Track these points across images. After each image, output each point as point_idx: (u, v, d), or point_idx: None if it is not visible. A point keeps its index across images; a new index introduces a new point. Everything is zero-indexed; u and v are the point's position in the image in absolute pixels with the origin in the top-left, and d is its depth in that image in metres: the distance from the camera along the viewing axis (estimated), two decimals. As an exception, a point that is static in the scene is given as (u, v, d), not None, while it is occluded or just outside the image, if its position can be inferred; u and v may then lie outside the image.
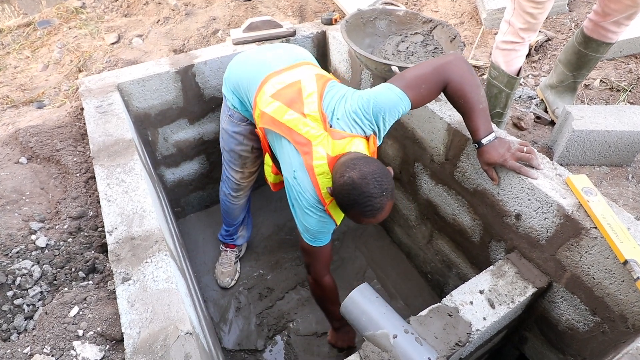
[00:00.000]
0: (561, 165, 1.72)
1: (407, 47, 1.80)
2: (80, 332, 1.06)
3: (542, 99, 2.19)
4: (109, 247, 1.14)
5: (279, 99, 1.38)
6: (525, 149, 1.34)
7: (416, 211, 2.05)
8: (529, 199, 1.34)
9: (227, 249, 2.27)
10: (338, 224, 1.45)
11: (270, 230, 2.53)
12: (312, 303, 2.16)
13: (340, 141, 1.29)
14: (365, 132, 1.31)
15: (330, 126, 1.32)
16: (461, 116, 1.36)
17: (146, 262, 1.09)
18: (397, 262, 2.33)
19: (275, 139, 1.44)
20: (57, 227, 1.39)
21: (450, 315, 1.29)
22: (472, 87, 1.27)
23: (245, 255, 2.38)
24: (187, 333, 0.94)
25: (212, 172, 2.46)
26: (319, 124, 1.31)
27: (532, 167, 1.33)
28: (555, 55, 2.36)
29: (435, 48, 1.79)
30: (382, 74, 1.69)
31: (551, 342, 1.50)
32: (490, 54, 2.29)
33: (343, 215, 1.42)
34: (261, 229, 2.53)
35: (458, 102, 1.31)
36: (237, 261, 2.30)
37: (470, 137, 1.46)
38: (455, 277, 1.93)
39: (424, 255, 2.15)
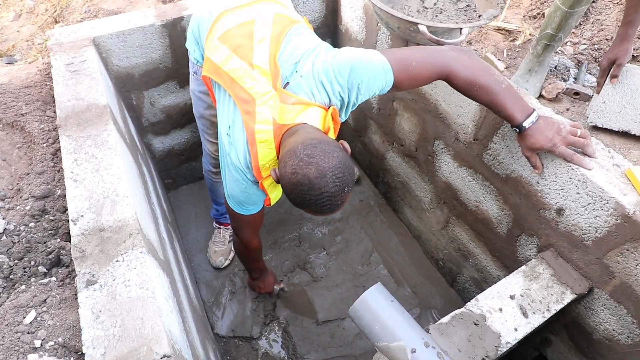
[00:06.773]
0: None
1: (435, 3, 1.52)
2: (38, 343, 0.88)
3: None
4: (73, 240, 0.94)
5: (226, 42, 1.15)
6: (578, 132, 1.11)
7: (432, 194, 1.84)
8: (578, 193, 1.13)
9: (221, 226, 2.08)
10: (272, 203, 1.25)
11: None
12: (312, 288, 2.00)
13: (291, 106, 1.05)
14: (329, 100, 1.08)
15: (287, 84, 1.08)
16: (488, 108, 1.15)
17: (117, 261, 0.89)
18: (405, 246, 2.15)
19: (217, 90, 1.22)
20: (18, 207, 1.18)
21: (476, 324, 1.11)
22: (481, 70, 1.09)
23: (242, 234, 2.20)
24: (164, 357, 0.75)
25: (205, 141, 2.23)
26: (268, 79, 1.07)
27: (586, 155, 1.11)
28: (599, 20, 2.06)
29: (468, 5, 1.51)
30: (405, 35, 1.43)
31: (581, 349, 1.34)
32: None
33: (280, 195, 1.23)
34: (259, 205, 2.33)
35: (475, 91, 1.11)
36: (231, 240, 2.12)
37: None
38: (471, 267, 1.75)
39: (436, 241, 1.96)
